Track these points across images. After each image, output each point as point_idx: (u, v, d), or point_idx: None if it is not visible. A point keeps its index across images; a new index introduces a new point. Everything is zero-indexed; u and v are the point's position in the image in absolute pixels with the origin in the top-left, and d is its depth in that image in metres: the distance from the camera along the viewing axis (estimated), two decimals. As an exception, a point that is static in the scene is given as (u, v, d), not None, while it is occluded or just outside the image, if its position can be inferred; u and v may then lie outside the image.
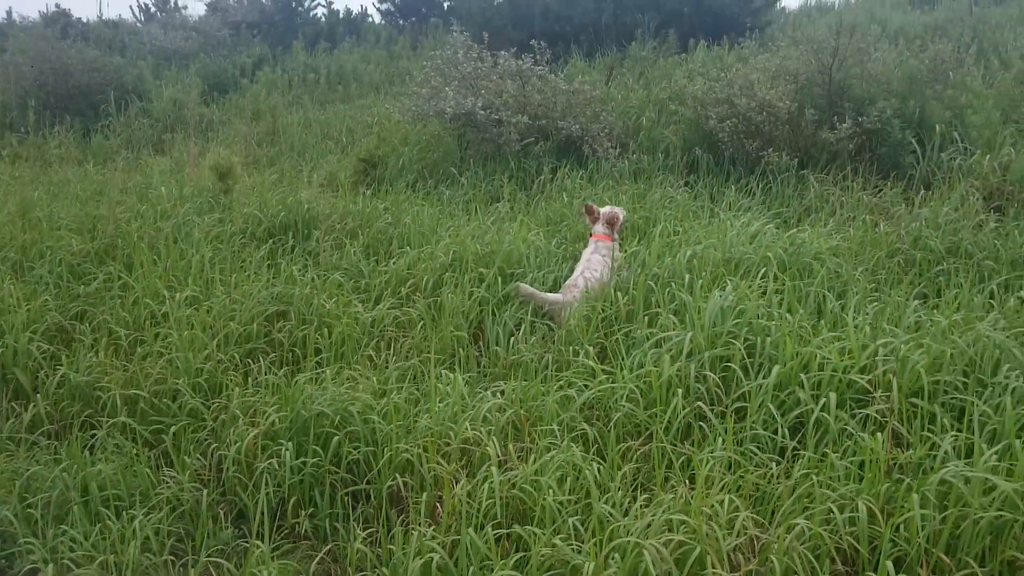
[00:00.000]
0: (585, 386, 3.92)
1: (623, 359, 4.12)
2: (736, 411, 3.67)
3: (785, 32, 11.82)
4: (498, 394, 3.88)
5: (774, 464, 3.27)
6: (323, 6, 17.03)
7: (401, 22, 16.41)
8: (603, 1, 12.86)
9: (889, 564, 2.77)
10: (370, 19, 17.28)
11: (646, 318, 4.55)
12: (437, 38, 14.96)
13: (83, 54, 13.13)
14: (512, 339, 4.60)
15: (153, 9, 18.52)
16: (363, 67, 14.20)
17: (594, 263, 5.23)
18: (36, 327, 4.63)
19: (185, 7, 18.36)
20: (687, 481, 3.21)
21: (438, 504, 3.22)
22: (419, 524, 3.10)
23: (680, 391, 3.66)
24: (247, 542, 3.22)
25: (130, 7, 19.25)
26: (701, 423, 3.61)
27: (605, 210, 5.65)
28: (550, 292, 5.10)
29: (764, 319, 4.21)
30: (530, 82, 8.88)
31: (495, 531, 2.96)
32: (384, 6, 16.66)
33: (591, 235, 5.58)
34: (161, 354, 4.35)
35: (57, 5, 19.11)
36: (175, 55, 15.02)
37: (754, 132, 7.70)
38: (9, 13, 20.48)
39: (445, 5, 16.08)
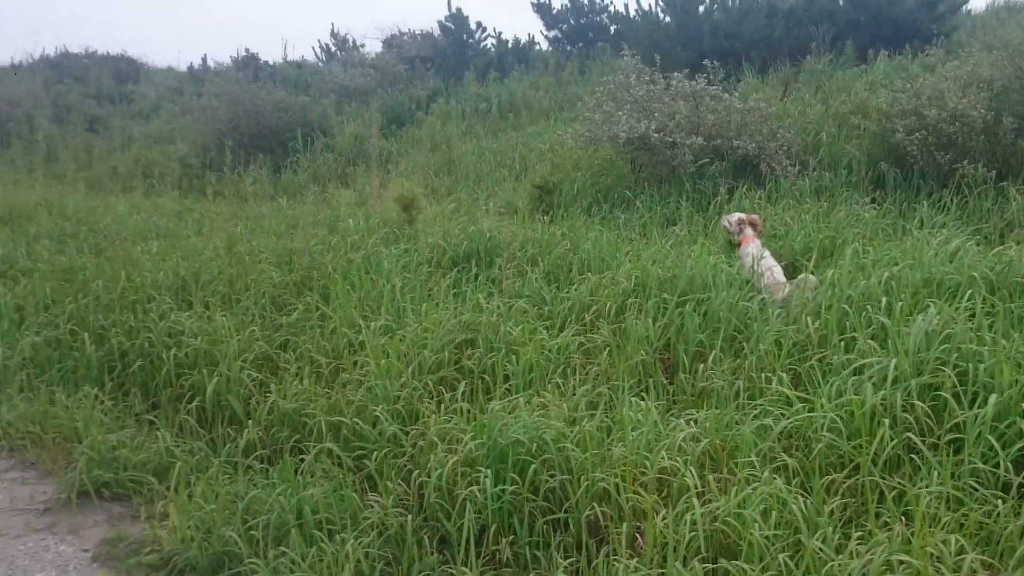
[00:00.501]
0: (781, 415, 3.81)
1: (820, 386, 3.97)
2: (949, 443, 3.46)
3: (974, 37, 11.15)
4: (691, 423, 3.82)
5: (999, 501, 3.06)
6: (492, 37, 17.40)
7: (568, 48, 16.58)
8: (775, 16, 12.53)
9: None
10: (537, 47, 17.53)
11: (842, 343, 4.37)
12: (605, 62, 15.03)
13: (272, 95, 14.01)
14: (701, 365, 4.52)
15: (333, 49, 19.55)
16: (532, 94, 14.43)
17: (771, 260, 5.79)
18: (246, 356, 4.94)
19: (363, 45, 19.27)
20: (902, 517, 3.04)
21: (638, 535, 3.20)
22: (620, 555, 3.09)
23: (886, 421, 3.49)
24: (452, 568, 3.30)
25: (312, 48, 20.38)
26: (912, 455, 3.42)
27: (752, 217, 6.36)
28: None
29: (975, 344, 3.96)
30: (703, 102, 8.77)
31: (701, 565, 2.91)
32: (551, 33, 16.89)
33: (744, 239, 6.06)
34: (360, 382, 4.54)
35: (247, 49, 20.51)
36: (355, 92, 15.76)
37: (946, 144, 7.30)
38: (204, 59, 22.15)
39: (612, 29, 16.12)
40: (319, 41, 20.26)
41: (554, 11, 16.67)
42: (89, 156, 14.69)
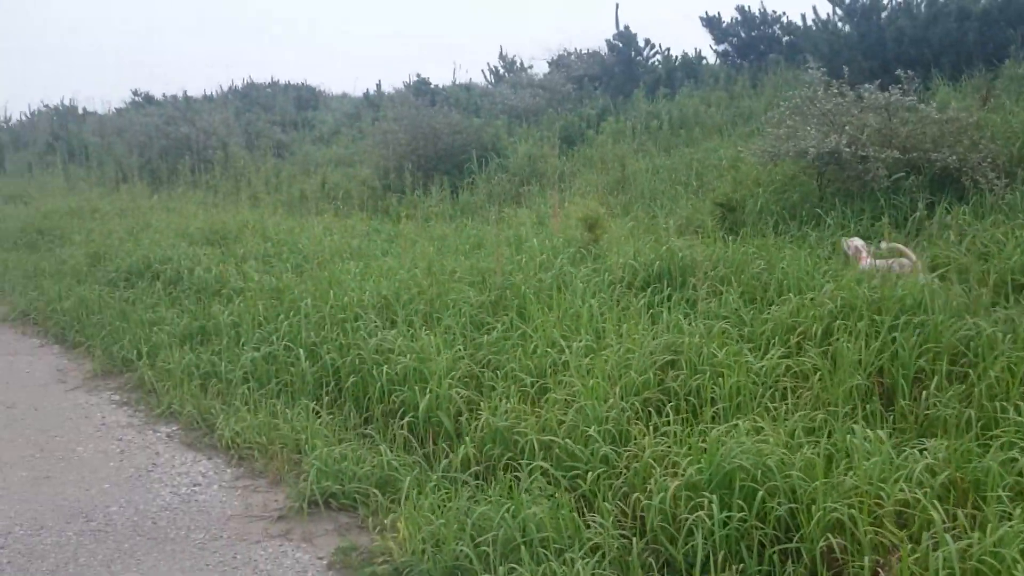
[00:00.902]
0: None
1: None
2: None
3: None
4: (923, 452, 3.66)
5: None
6: (660, 53, 17.29)
7: (739, 61, 16.26)
8: (966, 19, 11.87)
9: None
10: (705, 61, 17.30)
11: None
12: (779, 75, 14.67)
13: (448, 118, 14.42)
14: (923, 392, 4.32)
15: (502, 71, 19.94)
16: (704, 110, 14.24)
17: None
18: (453, 374, 5.10)
19: (531, 67, 19.56)
20: None
21: (880, 570, 3.08)
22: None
23: None
24: (682, 594, 3.29)
25: (481, 71, 20.86)
26: None
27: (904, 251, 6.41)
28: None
29: None
30: (897, 114, 8.41)
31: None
32: (721, 47, 16.62)
33: (861, 259, 6.30)
34: (567, 401, 4.60)
35: (418, 74, 21.23)
36: (525, 112, 16.01)
37: None
38: (378, 85, 23.07)
39: (785, 40, 15.71)
40: (488, 64, 20.76)
41: (723, 24, 16.40)
42: (278, 180, 15.57)
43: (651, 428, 4.32)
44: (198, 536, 4.08)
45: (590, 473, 4.03)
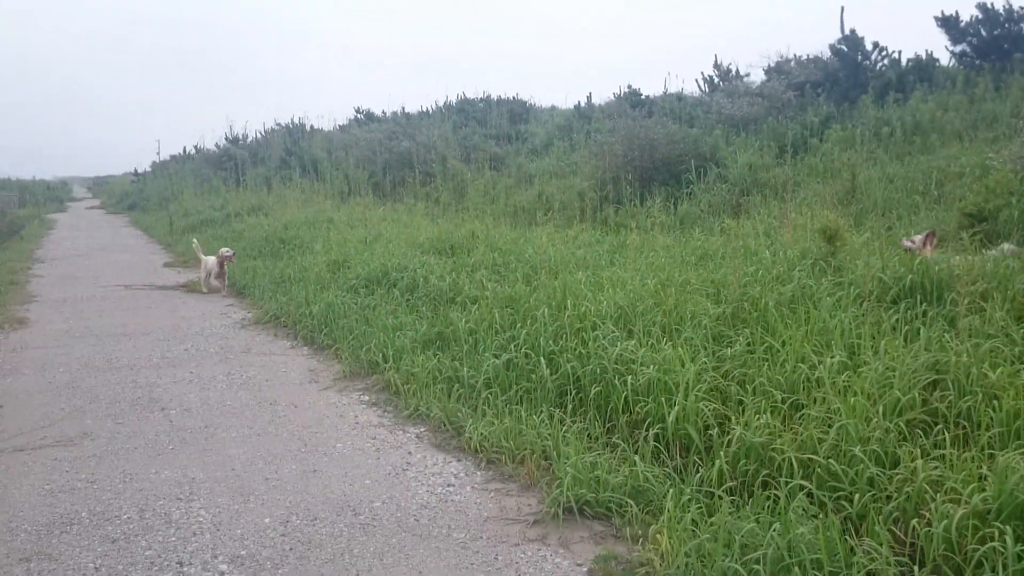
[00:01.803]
0: None
1: None
2: None
3: None
4: None
5: None
6: (888, 56, 16.42)
7: (978, 63, 15.18)
8: None
9: None
10: (938, 63, 16.27)
11: None
12: (1027, 75, 13.60)
13: (665, 128, 14.34)
14: None
15: (716, 80, 19.61)
16: (940, 115, 13.41)
17: None
18: (699, 387, 5.03)
19: (747, 75, 19.12)
20: None
21: None
22: None
23: None
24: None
25: (695, 80, 20.61)
26: None
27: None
28: None
29: None
30: None
31: None
32: (958, 48, 15.59)
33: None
34: (824, 420, 4.43)
35: (629, 86, 21.26)
36: (742, 121, 15.67)
37: None
38: (589, 97, 23.31)
39: (1034, 37, 14.55)
40: (702, 73, 20.47)
41: (962, 23, 15.37)
42: (495, 191, 16.03)
43: (920, 451, 4.08)
44: (460, 535, 4.24)
45: (857, 495, 3.86)
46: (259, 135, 33.70)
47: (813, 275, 6.83)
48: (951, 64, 16.15)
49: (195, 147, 38.59)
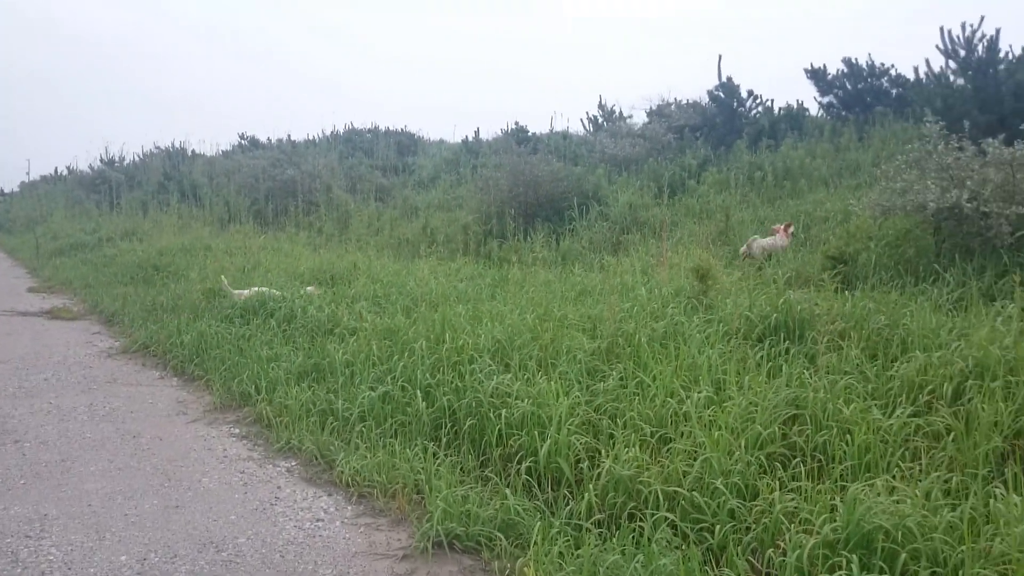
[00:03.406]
0: None
1: None
2: None
3: None
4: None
5: None
6: (762, 104, 17.21)
7: (844, 113, 16.07)
8: (1090, 73, 11.55)
9: None
10: (808, 112, 17.14)
11: None
12: (887, 128, 14.44)
13: (550, 165, 14.59)
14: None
15: (601, 120, 20.11)
16: (809, 162, 14.09)
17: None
18: (572, 421, 5.10)
19: (630, 116, 19.68)
20: None
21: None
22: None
23: None
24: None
25: (580, 120, 21.09)
26: None
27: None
28: None
29: None
30: (1021, 170, 8.17)
31: None
32: (825, 99, 16.47)
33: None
34: (690, 453, 4.56)
35: (516, 122, 21.57)
36: (624, 161, 16.10)
37: None
38: (477, 132, 23.51)
39: (894, 93, 15.47)
40: (587, 113, 20.98)
41: (829, 76, 16.26)
42: (380, 223, 15.94)
43: (778, 483, 4.24)
44: (326, 572, 4.14)
45: (718, 526, 3.97)
46: (137, 158, 32.64)
47: (685, 312, 7.04)
48: (819, 114, 17.03)
49: (68, 168, 37.07)
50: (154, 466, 5.70)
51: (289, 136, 29.57)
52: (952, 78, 13.39)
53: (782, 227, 10.37)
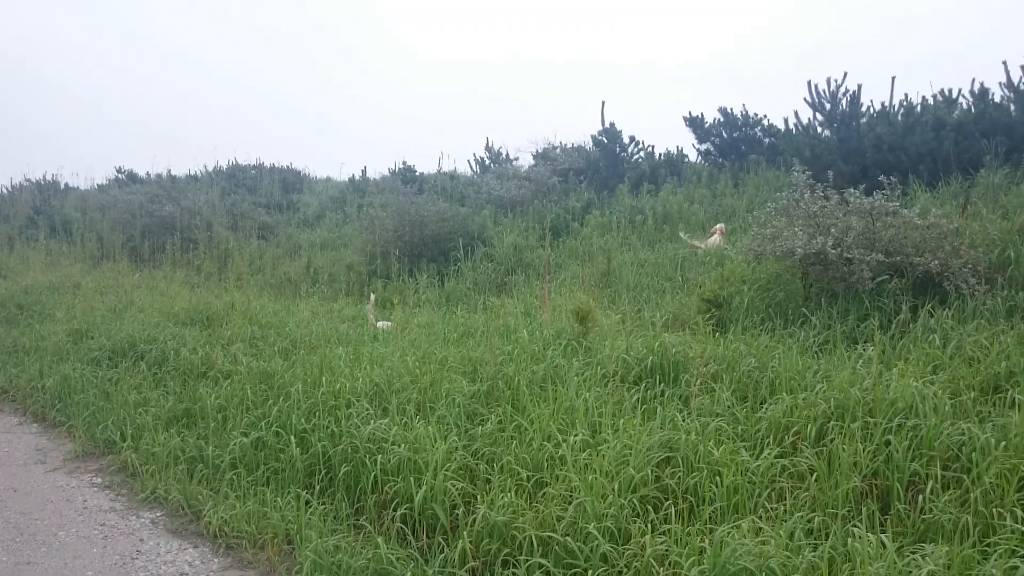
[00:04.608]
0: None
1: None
2: None
3: None
4: (926, 559, 3.66)
5: None
6: (644, 150, 17.70)
7: (720, 161, 16.68)
8: (942, 129, 12.30)
9: None
10: (687, 159, 17.71)
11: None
12: (760, 175, 15.04)
13: (436, 205, 14.59)
14: (919, 496, 4.35)
15: (488, 161, 20.28)
16: (687, 207, 14.52)
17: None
18: (448, 466, 5.05)
19: (516, 159, 19.92)
20: None
21: None
22: None
23: None
24: None
25: (467, 161, 21.20)
26: None
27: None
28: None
29: None
30: (880, 218, 8.63)
31: None
32: (703, 146, 17.05)
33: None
34: (565, 497, 4.57)
35: (404, 162, 21.54)
36: (511, 203, 16.23)
37: None
38: (364, 171, 23.36)
39: (766, 142, 16.15)
40: (474, 154, 21.14)
41: (706, 124, 16.86)
42: (262, 261, 15.59)
43: (650, 526, 4.29)
44: (187, 629, 3.97)
45: (591, 571, 3.99)
46: (5, 190, 31.04)
47: (565, 354, 7.10)
48: (697, 160, 17.60)
49: (-74, 200, 34.90)
50: (6, 519, 5.38)
51: (169, 171, 28.68)
52: (819, 129, 14.11)
53: (719, 228, 11.92)
